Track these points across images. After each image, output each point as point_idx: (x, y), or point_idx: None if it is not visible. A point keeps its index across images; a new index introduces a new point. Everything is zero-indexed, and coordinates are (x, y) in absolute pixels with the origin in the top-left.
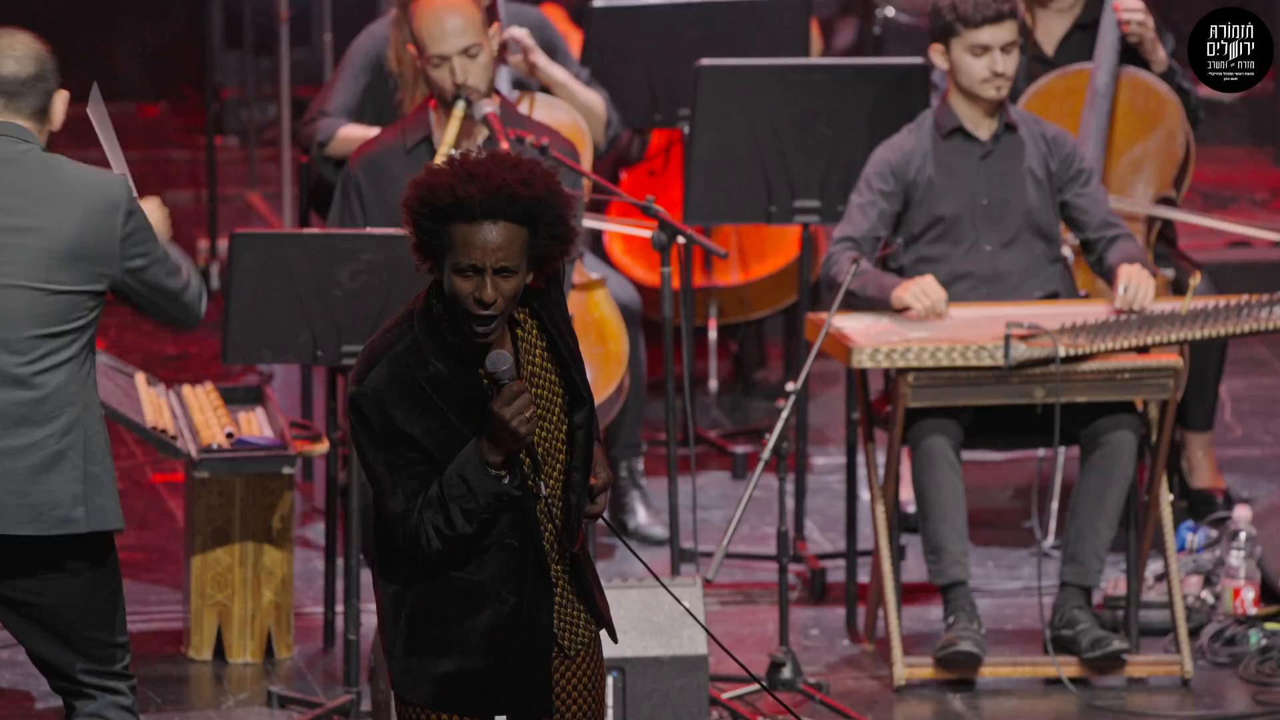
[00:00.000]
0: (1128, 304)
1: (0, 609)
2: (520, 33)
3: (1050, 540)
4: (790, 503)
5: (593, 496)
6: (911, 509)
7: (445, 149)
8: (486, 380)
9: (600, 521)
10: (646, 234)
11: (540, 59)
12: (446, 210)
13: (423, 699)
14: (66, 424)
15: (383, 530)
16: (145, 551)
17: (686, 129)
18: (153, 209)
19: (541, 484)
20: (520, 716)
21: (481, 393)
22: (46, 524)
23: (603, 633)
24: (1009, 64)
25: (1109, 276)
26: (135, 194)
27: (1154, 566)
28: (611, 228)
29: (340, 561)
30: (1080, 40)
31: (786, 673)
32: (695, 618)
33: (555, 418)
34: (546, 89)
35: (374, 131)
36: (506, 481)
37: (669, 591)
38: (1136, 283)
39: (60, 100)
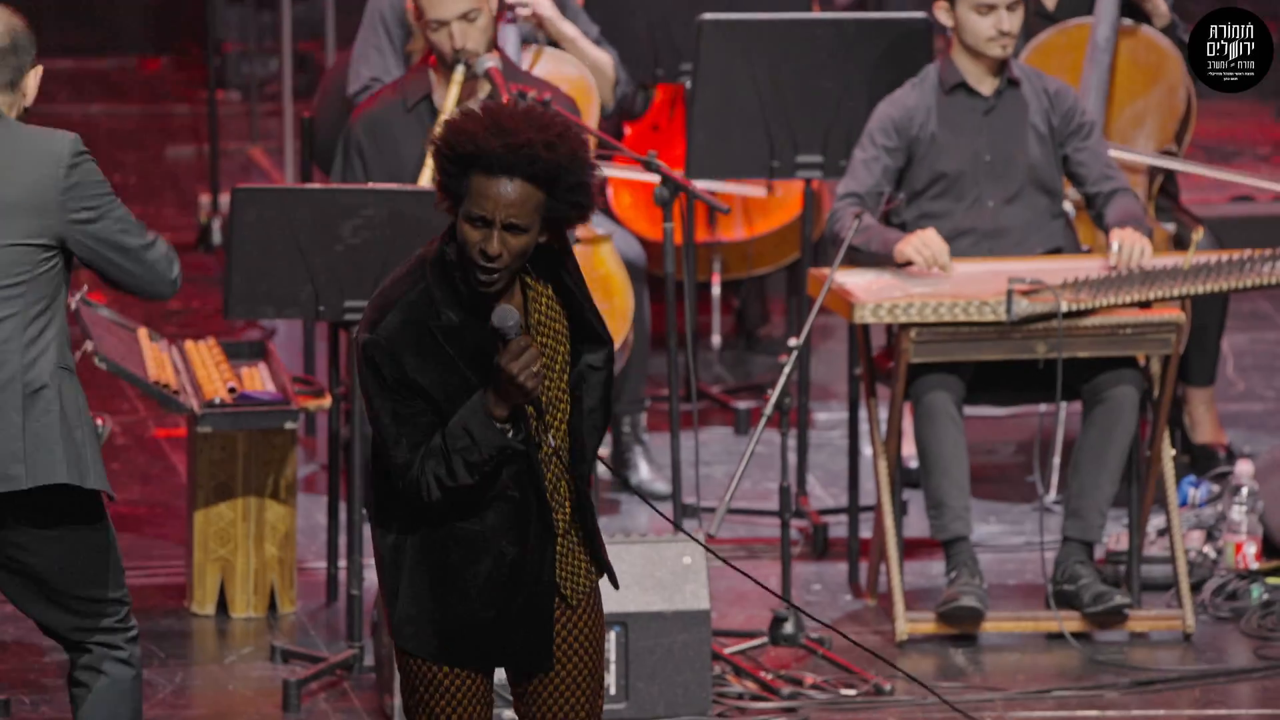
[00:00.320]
0: (1122, 265)
1: None
2: None
3: (1052, 495)
4: (792, 458)
5: (601, 435)
6: (914, 464)
7: (447, 113)
8: (492, 335)
9: (603, 476)
10: (654, 179)
11: (549, 12)
12: (467, 158)
13: (423, 650)
14: (5, 380)
15: (381, 481)
16: (148, 506)
17: (689, 84)
18: None
19: (550, 437)
20: (521, 669)
21: (492, 345)
22: None
23: (603, 584)
24: (1014, 21)
25: (1105, 230)
26: (85, 150)
27: (1156, 521)
28: (617, 173)
29: (343, 516)
30: None
31: (789, 627)
32: (717, 554)
33: (559, 365)
34: (555, 44)
35: None
36: (511, 435)
37: (689, 534)
38: (1130, 244)
39: (34, 75)
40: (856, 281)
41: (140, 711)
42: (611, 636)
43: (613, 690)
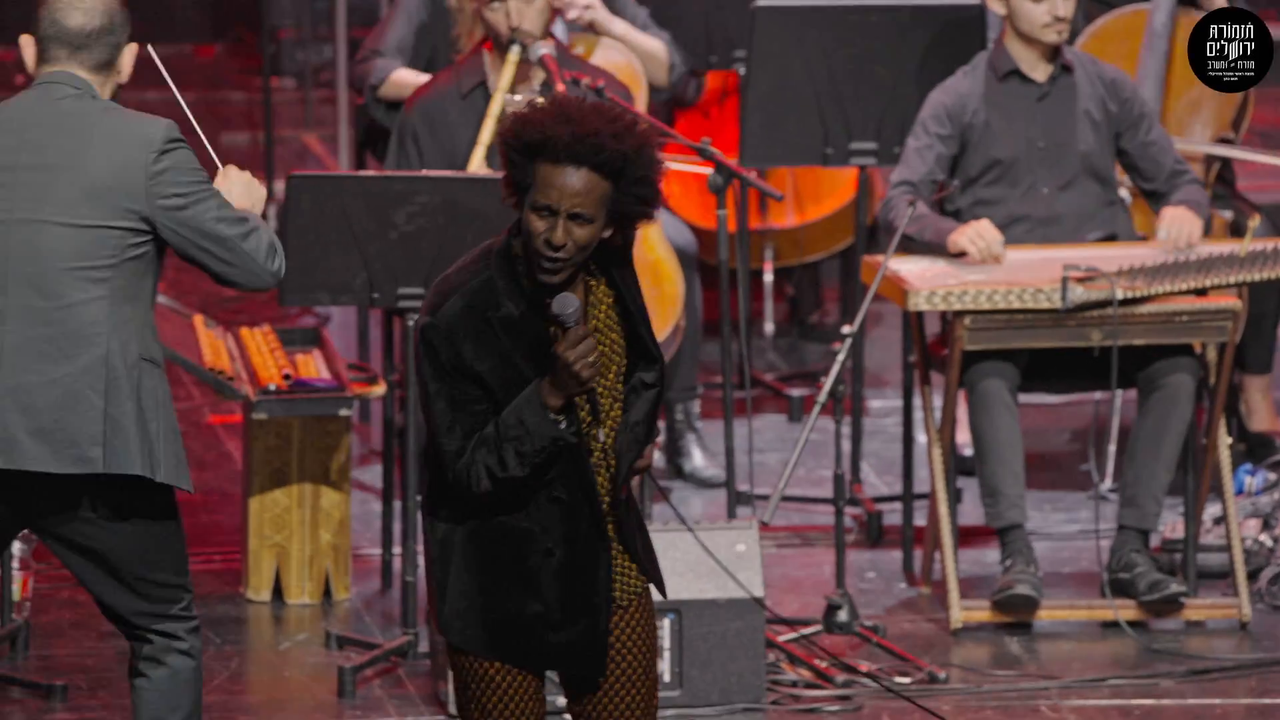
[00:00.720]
0: (1170, 246)
1: (61, 550)
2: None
3: (1108, 483)
4: (846, 446)
5: (641, 449)
6: (968, 452)
7: (500, 94)
8: (551, 323)
9: (656, 463)
10: (705, 171)
11: (599, 15)
12: (534, 146)
13: (471, 645)
14: (87, 363)
15: (434, 472)
16: (203, 493)
17: (742, 71)
18: (235, 179)
19: (600, 432)
20: (570, 672)
21: (550, 339)
22: (63, 461)
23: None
24: (1069, 7)
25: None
26: (179, 138)
27: (1212, 509)
28: (670, 163)
29: (397, 504)
30: None
31: (843, 615)
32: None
33: (613, 375)
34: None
35: (425, 78)
36: (563, 427)
37: (704, 548)
38: (1179, 225)
39: (129, 53)
40: (910, 269)
41: (200, 702)
42: (665, 624)
43: (667, 678)
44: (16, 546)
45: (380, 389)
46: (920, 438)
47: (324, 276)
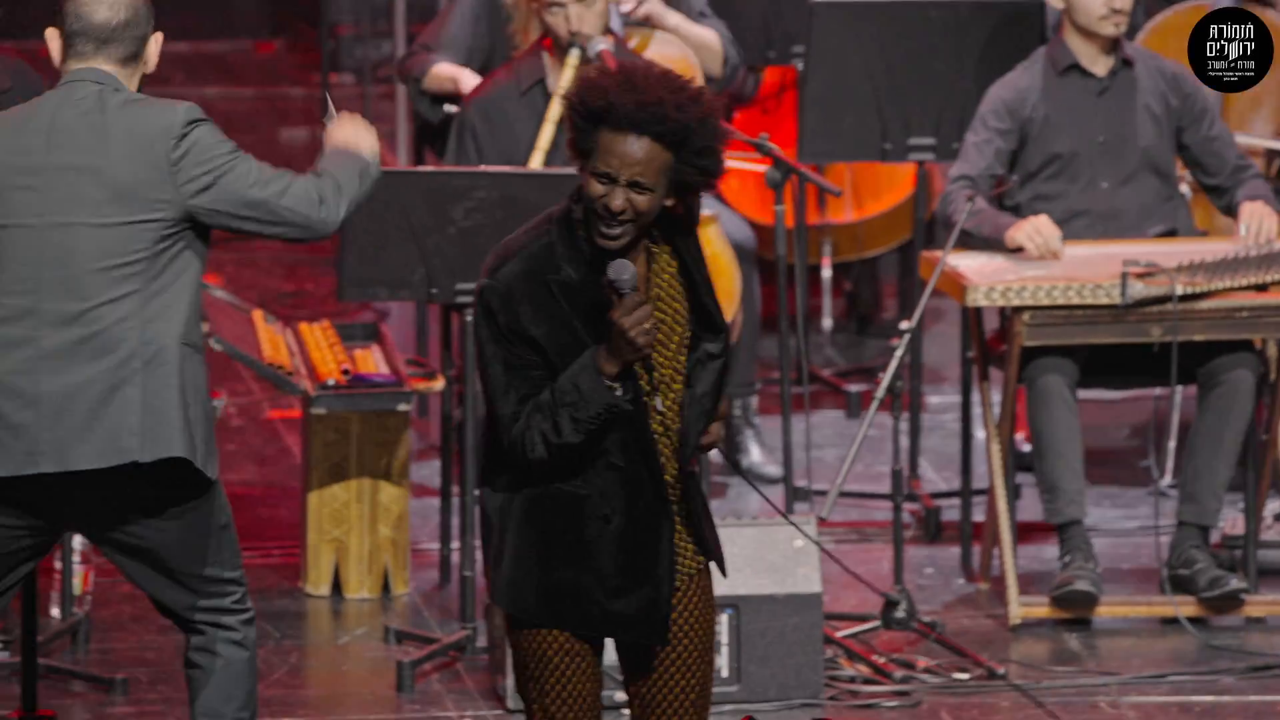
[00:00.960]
0: (1252, 240)
1: (110, 552)
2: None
3: (1167, 479)
4: (904, 441)
5: (708, 422)
6: (1027, 448)
7: (560, 98)
8: (608, 288)
9: (714, 459)
10: (763, 167)
11: (655, 8)
12: (597, 113)
13: (525, 612)
14: (124, 356)
15: (490, 442)
16: (263, 487)
17: (801, 66)
18: (345, 122)
19: (658, 400)
20: (629, 639)
21: (608, 305)
22: (107, 456)
23: (713, 566)
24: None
25: (1234, 214)
26: (199, 118)
27: (1272, 506)
28: (732, 135)
29: (455, 498)
30: None
31: (901, 611)
32: (816, 542)
33: (674, 345)
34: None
35: (466, 72)
36: (619, 394)
37: (791, 522)
38: (1259, 219)
39: (155, 43)
40: (969, 264)
41: (255, 692)
42: (724, 619)
43: (724, 673)
44: (77, 540)
45: (438, 384)
46: (979, 433)
47: (383, 272)
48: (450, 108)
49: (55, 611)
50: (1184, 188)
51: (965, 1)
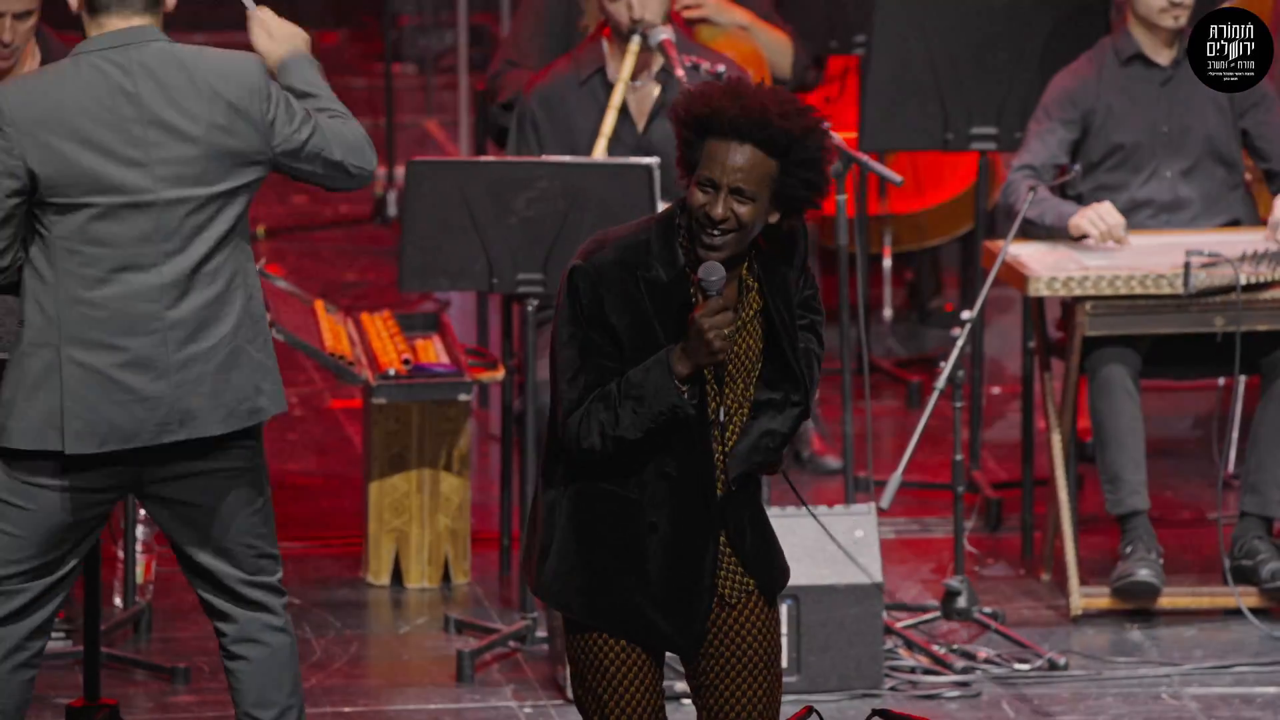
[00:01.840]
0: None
1: (160, 512)
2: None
3: (1230, 470)
4: (965, 432)
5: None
6: (1089, 438)
7: (623, 85)
8: (695, 290)
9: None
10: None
11: (709, 12)
12: (703, 122)
13: (568, 607)
14: (238, 319)
15: (552, 436)
16: (324, 477)
17: (863, 55)
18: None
19: (721, 411)
20: (665, 649)
21: (691, 308)
22: (239, 418)
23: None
24: None
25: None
26: (267, 71)
27: None
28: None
29: (516, 488)
30: None
31: (962, 601)
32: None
33: (742, 381)
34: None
35: None
36: (685, 396)
37: (817, 519)
38: None
39: None
40: (1031, 254)
41: (300, 678)
42: (784, 610)
43: (784, 663)
44: (140, 530)
45: (499, 374)
46: (1040, 424)
47: (444, 262)
48: None
49: (118, 601)
50: (1247, 177)
51: None
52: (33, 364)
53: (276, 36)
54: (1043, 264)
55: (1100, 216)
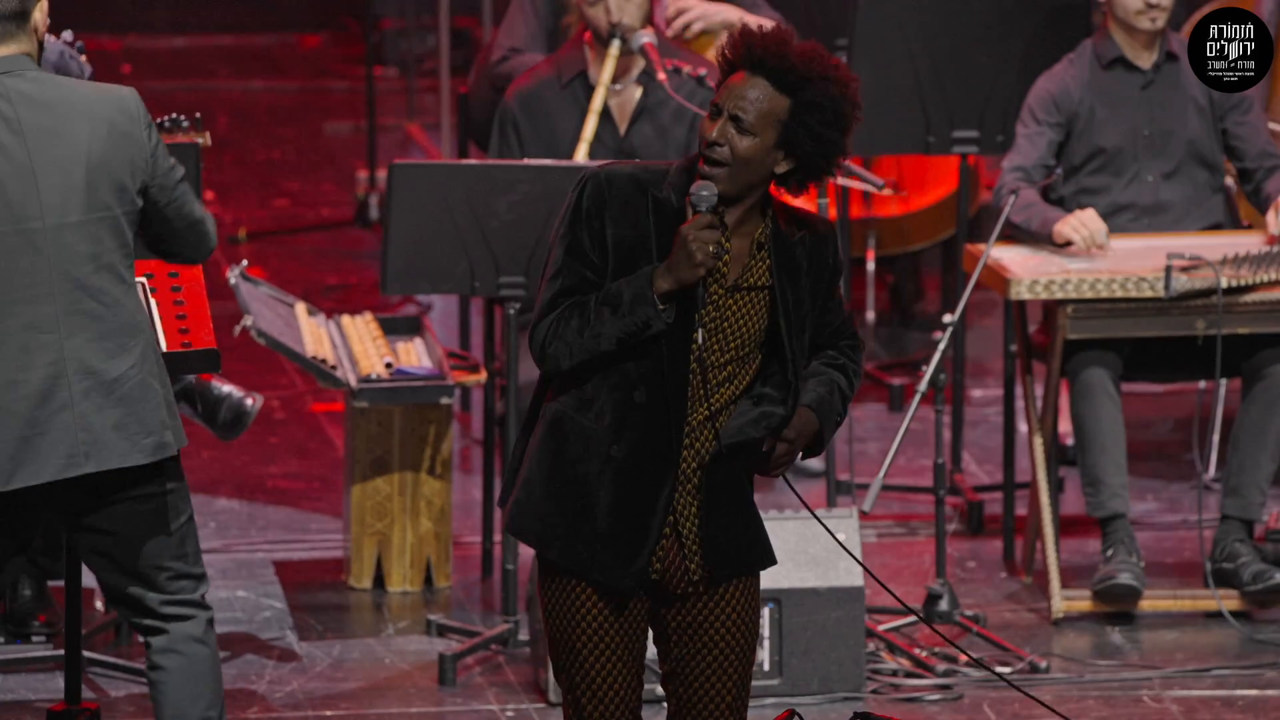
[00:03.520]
0: None
1: (86, 542)
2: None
3: (1211, 473)
4: (947, 435)
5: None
6: (1070, 441)
7: (603, 89)
8: (687, 202)
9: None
10: None
11: (694, 15)
12: (734, 57)
13: (523, 535)
14: (142, 350)
15: (539, 384)
16: (305, 480)
17: (844, 59)
18: None
19: (699, 333)
20: (608, 581)
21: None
22: (145, 451)
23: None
24: None
25: (1265, 207)
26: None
27: None
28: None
29: (498, 491)
30: None
31: (943, 605)
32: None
33: (735, 340)
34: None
35: None
36: (662, 310)
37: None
38: None
39: (40, 11)
40: (1012, 257)
41: (221, 691)
42: (766, 613)
43: (766, 666)
44: None
45: (481, 377)
46: (1022, 427)
47: (426, 265)
48: None
49: (99, 604)
50: (1229, 181)
51: None
52: None
53: None
54: (1024, 267)
55: (1083, 223)
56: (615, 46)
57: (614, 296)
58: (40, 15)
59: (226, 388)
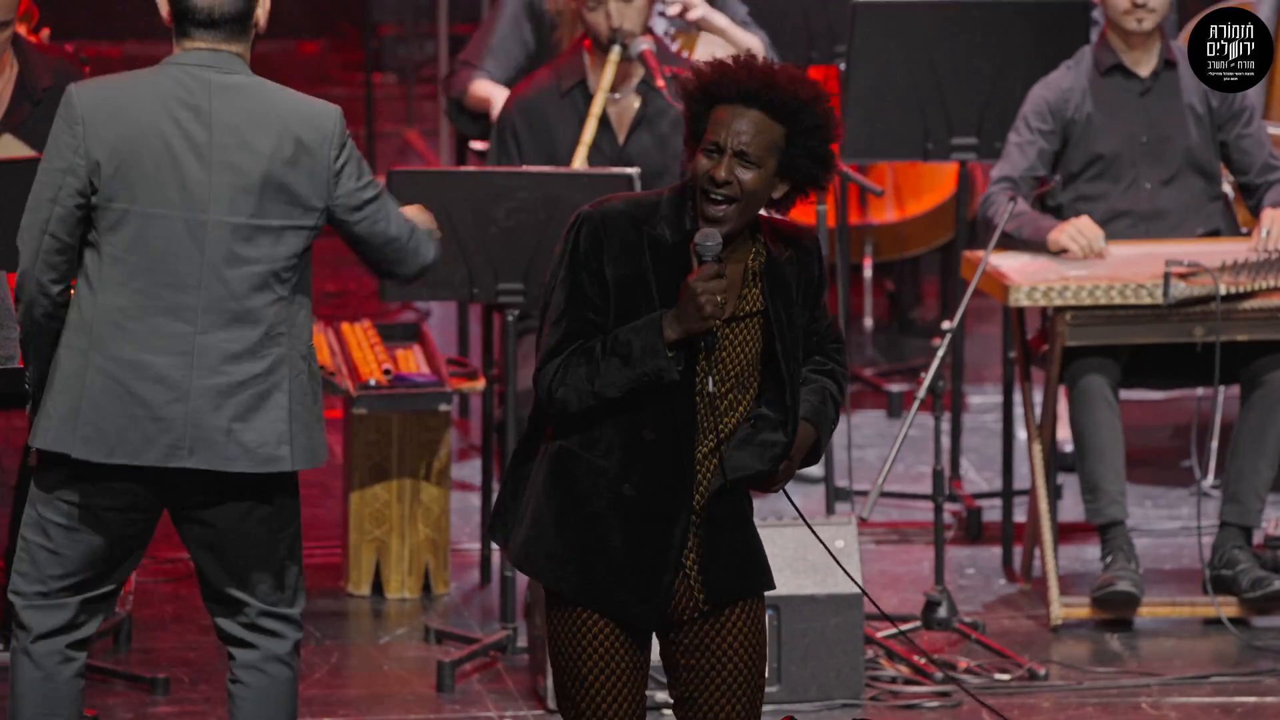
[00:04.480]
0: (1265, 245)
1: (187, 536)
2: None
3: (1210, 480)
4: (946, 442)
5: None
6: (1069, 448)
7: (602, 95)
8: (692, 251)
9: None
10: None
11: (702, 11)
12: (711, 89)
13: (535, 571)
14: (275, 361)
15: (535, 406)
16: (304, 487)
17: (843, 66)
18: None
19: (710, 381)
20: (626, 619)
21: (687, 271)
22: (255, 460)
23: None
24: None
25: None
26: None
27: None
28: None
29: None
30: None
31: (942, 611)
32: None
33: (735, 367)
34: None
35: (502, 92)
36: (671, 357)
37: (820, 540)
38: (1277, 225)
39: (262, 8)
40: (1011, 264)
41: (296, 715)
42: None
43: (765, 673)
44: None
45: (480, 384)
46: (1020, 434)
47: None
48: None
49: None
50: (1227, 188)
51: (1008, 1)
52: (65, 365)
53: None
54: (1023, 274)
55: (1080, 231)
56: (615, 52)
57: (623, 346)
58: (262, 12)
59: None
